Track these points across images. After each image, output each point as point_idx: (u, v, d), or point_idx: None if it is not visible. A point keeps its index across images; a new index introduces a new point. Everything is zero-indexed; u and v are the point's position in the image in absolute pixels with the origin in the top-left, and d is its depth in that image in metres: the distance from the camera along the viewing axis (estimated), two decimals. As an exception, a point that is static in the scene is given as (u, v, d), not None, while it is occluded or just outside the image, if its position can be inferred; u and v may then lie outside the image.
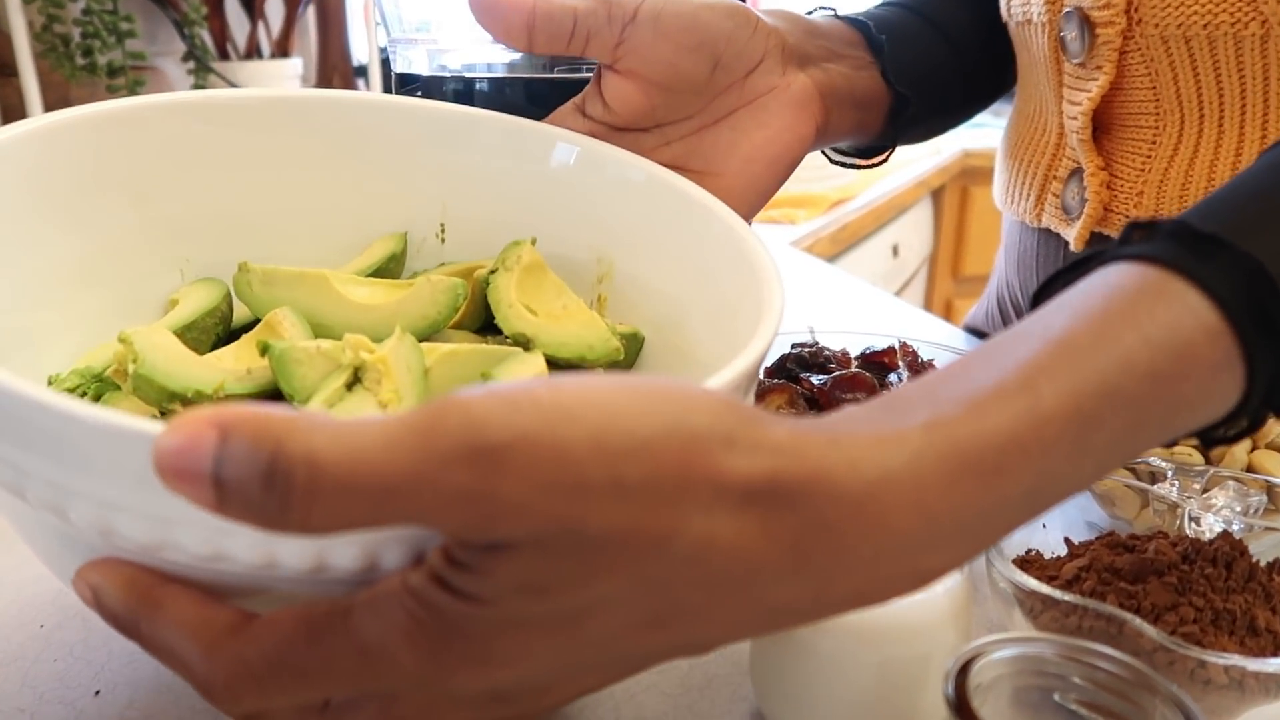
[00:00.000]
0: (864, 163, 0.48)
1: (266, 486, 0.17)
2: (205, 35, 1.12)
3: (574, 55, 0.37)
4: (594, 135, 0.38)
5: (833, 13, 0.45)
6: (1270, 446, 0.39)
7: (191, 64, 1.10)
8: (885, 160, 0.48)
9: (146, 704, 0.30)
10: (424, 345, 0.31)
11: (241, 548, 0.20)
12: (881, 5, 0.50)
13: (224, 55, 1.15)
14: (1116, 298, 0.23)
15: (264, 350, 0.29)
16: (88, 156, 0.32)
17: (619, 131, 0.38)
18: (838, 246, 1.33)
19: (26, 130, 0.30)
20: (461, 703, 0.21)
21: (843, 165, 0.49)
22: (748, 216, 0.39)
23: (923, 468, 0.20)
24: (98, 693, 0.31)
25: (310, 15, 1.34)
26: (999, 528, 0.21)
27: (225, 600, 0.22)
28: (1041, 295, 0.26)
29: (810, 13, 0.46)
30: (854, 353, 0.45)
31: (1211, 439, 0.25)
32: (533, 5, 0.35)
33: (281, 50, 1.20)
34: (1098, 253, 0.25)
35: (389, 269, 0.37)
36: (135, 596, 0.21)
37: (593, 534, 0.18)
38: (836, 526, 0.19)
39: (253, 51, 1.17)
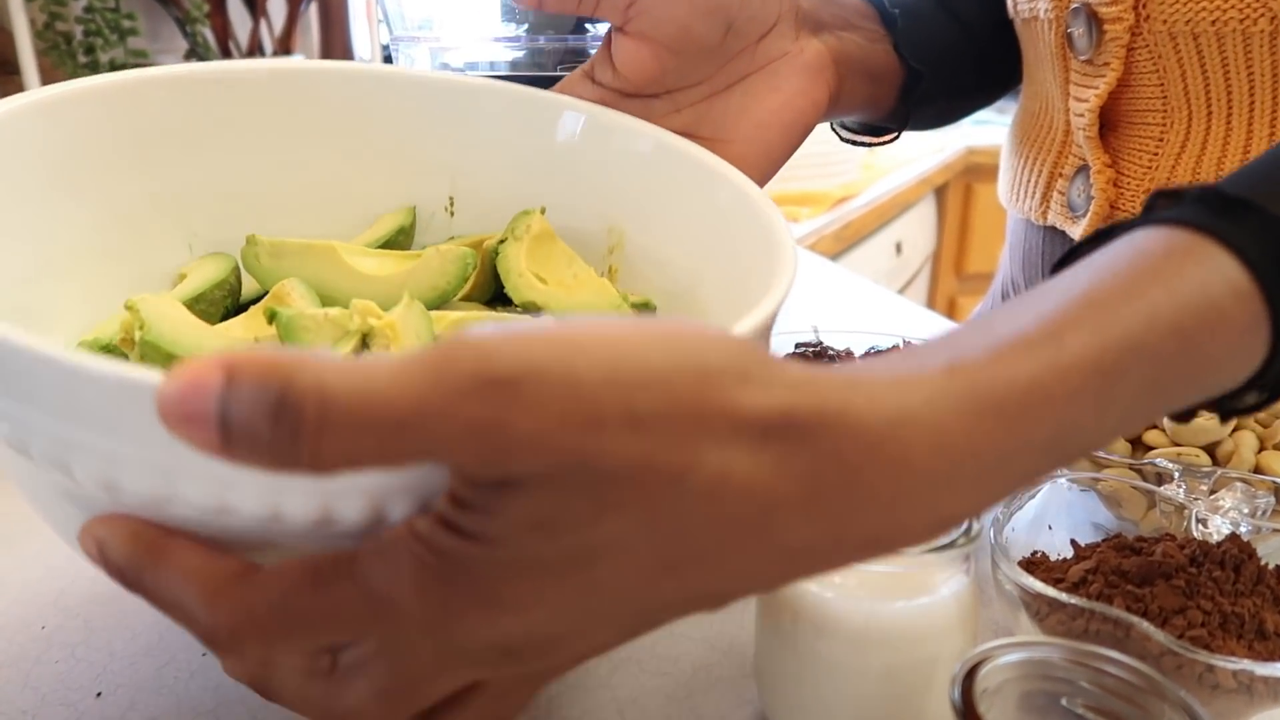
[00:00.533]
0: (874, 140, 0.48)
1: (275, 421, 0.17)
2: (207, 33, 1.12)
3: (585, 15, 0.36)
4: (604, 102, 0.37)
5: None
6: (1278, 447, 0.39)
7: (194, 61, 1.10)
8: (895, 138, 0.48)
9: (148, 705, 0.30)
10: (433, 314, 0.30)
11: (246, 499, 0.20)
12: None
13: (226, 53, 1.15)
14: (1142, 258, 0.22)
15: (271, 318, 0.29)
16: (94, 129, 0.32)
17: (629, 98, 0.38)
18: (841, 244, 1.33)
19: (31, 101, 0.30)
20: (469, 657, 0.20)
21: (853, 143, 0.49)
22: (760, 183, 0.38)
23: (943, 407, 0.19)
24: (99, 694, 0.31)
25: (313, 13, 1.34)
26: (1019, 474, 0.21)
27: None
28: (1063, 265, 0.26)
29: None
30: (858, 352, 0.44)
31: (1230, 409, 0.25)
32: None
33: (284, 48, 1.19)
34: (1121, 224, 0.25)
35: (397, 242, 0.37)
36: (140, 547, 0.21)
37: (606, 468, 0.17)
38: (854, 464, 0.19)
39: (255, 49, 1.17)
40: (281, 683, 0.22)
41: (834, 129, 0.48)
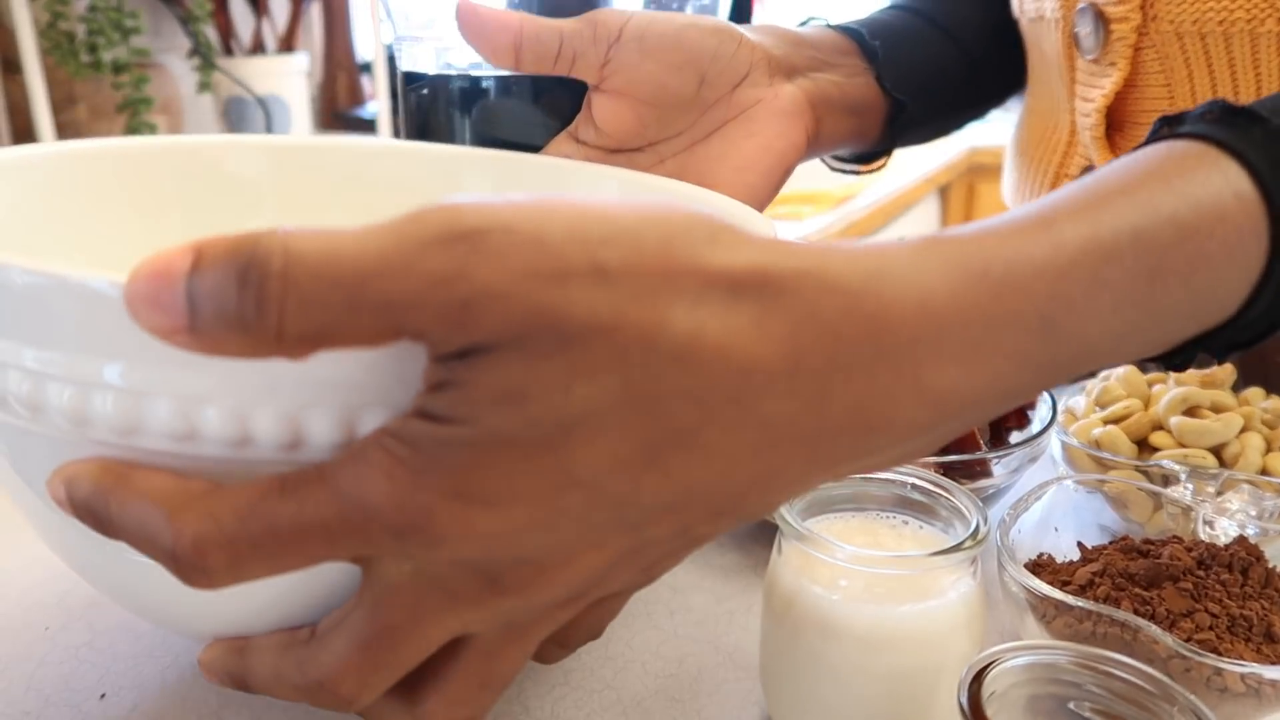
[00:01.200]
0: (864, 168, 0.48)
1: (242, 283, 0.17)
2: (210, 31, 1.12)
3: (560, 75, 0.37)
4: (590, 160, 0.39)
5: (824, 23, 0.45)
6: (1285, 449, 0.39)
7: (196, 60, 1.10)
8: (884, 165, 0.48)
9: (152, 707, 0.30)
10: None
11: (215, 419, 0.19)
12: (884, 10, 0.50)
13: (229, 51, 1.15)
14: (1143, 163, 0.22)
15: None
16: (97, 184, 0.34)
17: (613, 153, 0.39)
18: (844, 243, 1.32)
19: (56, 151, 0.32)
20: (448, 584, 0.19)
21: (842, 171, 0.49)
22: None
23: (925, 268, 0.19)
24: (103, 696, 0.31)
25: (315, 11, 1.34)
26: (1011, 350, 0.19)
27: None
28: None
29: (803, 24, 0.46)
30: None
31: (1229, 344, 0.24)
32: (519, 26, 0.36)
33: (286, 46, 1.19)
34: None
35: None
36: (106, 477, 0.20)
37: (574, 326, 0.17)
38: (831, 322, 0.18)
39: (258, 47, 1.17)
40: (258, 662, 0.22)
41: (824, 161, 0.48)
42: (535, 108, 0.40)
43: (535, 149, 0.40)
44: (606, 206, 0.18)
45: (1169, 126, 0.24)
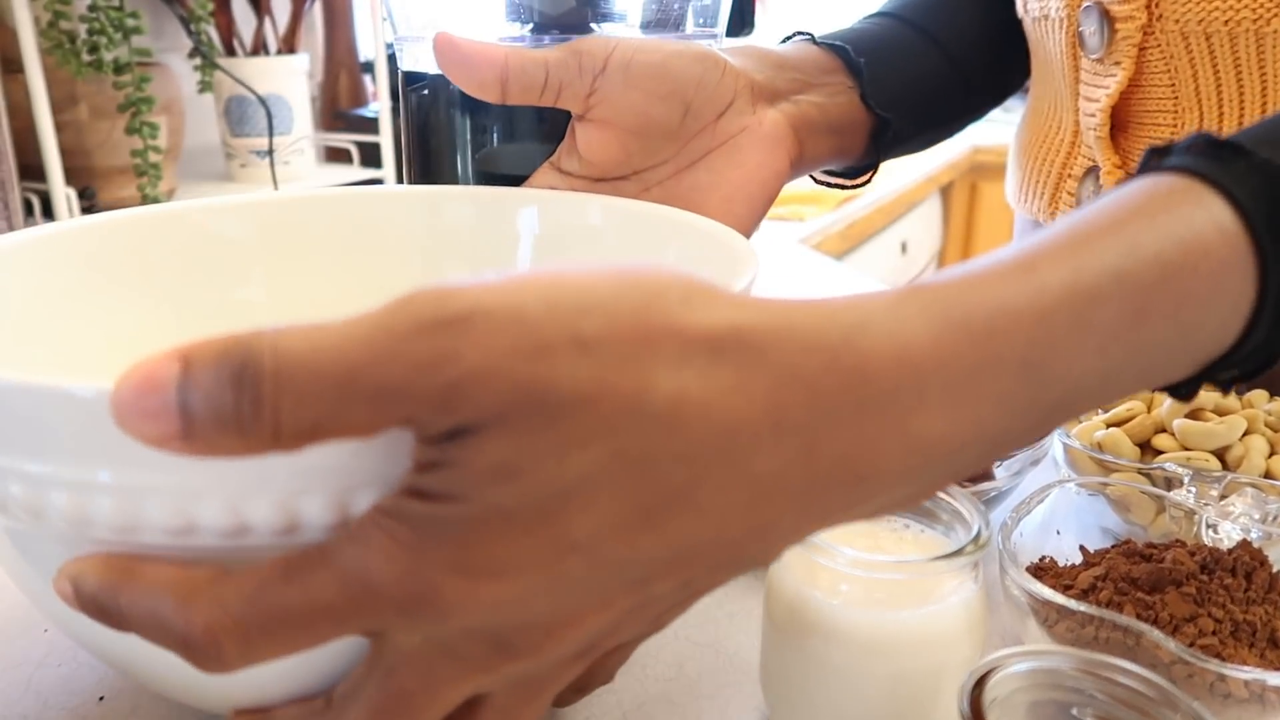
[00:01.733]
0: (850, 183, 0.48)
1: (237, 387, 0.17)
2: (211, 31, 1.12)
3: (546, 106, 0.37)
4: (575, 190, 0.39)
5: (810, 38, 0.45)
6: (1289, 452, 0.38)
7: (198, 60, 1.10)
8: (869, 180, 0.48)
9: (151, 710, 0.30)
10: None
11: (211, 512, 0.20)
12: (872, 16, 0.49)
13: (230, 51, 1.15)
14: (1126, 200, 0.22)
15: None
16: (100, 256, 0.35)
17: (598, 182, 0.39)
18: (847, 243, 1.32)
19: (60, 230, 0.34)
20: (457, 651, 0.19)
21: (828, 186, 0.49)
22: None
23: (905, 318, 0.19)
24: (102, 698, 0.31)
25: (317, 11, 1.34)
26: (994, 395, 0.19)
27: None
28: None
29: (787, 39, 0.45)
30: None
31: (1227, 377, 0.24)
32: (504, 59, 0.35)
33: (288, 46, 1.19)
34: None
35: None
36: (113, 571, 0.20)
37: (559, 398, 0.17)
38: (812, 378, 0.18)
39: (259, 47, 1.17)
40: None
41: (811, 177, 0.48)
42: (534, 107, 0.40)
43: (536, 149, 0.40)
44: (582, 277, 0.18)
45: (1157, 157, 0.24)
